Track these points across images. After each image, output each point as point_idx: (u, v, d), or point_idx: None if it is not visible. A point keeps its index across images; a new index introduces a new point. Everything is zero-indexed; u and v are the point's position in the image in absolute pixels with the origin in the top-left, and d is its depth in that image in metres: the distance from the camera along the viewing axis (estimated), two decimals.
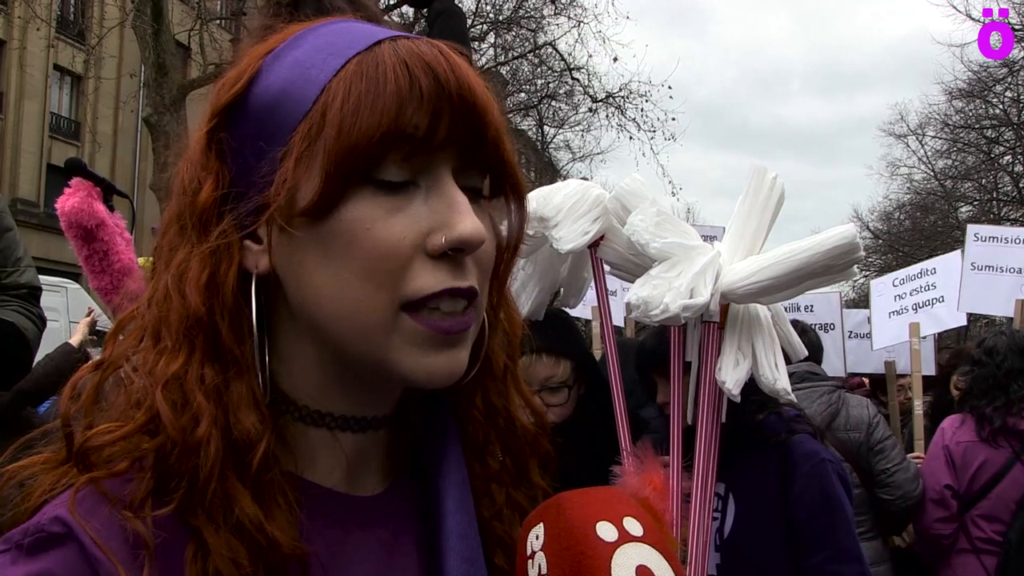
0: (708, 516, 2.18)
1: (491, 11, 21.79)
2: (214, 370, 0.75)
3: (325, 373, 0.81)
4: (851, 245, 2.02)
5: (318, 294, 0.76)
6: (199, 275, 0.76)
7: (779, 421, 2.68)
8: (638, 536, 0.79)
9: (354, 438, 0.84)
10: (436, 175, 0.76)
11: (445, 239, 0.74)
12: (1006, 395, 3.85)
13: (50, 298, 9.86)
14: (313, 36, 0.80)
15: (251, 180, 0.76)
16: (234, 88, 0.79)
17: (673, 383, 2.30)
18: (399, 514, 0.87)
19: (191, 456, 0.72)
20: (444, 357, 0.77)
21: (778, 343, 2.21)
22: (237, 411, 0.75)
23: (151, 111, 12.86)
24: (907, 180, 35.58)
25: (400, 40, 0.77)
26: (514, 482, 0.93)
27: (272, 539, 0.72)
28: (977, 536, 3.89)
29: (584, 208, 2.31)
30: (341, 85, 0.74)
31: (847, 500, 2.61)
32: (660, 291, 2.03)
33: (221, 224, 0.77)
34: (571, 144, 28.58)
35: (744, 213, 2.21)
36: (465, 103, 0.76)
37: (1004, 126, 28.18)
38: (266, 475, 0.74)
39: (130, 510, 0.71)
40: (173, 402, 0.74)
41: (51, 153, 25.25)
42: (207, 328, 0.76)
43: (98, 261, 3.10)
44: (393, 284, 0.74)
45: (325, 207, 0.73)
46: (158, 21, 13.16)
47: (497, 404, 0.92)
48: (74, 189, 3.06)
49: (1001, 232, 6.19)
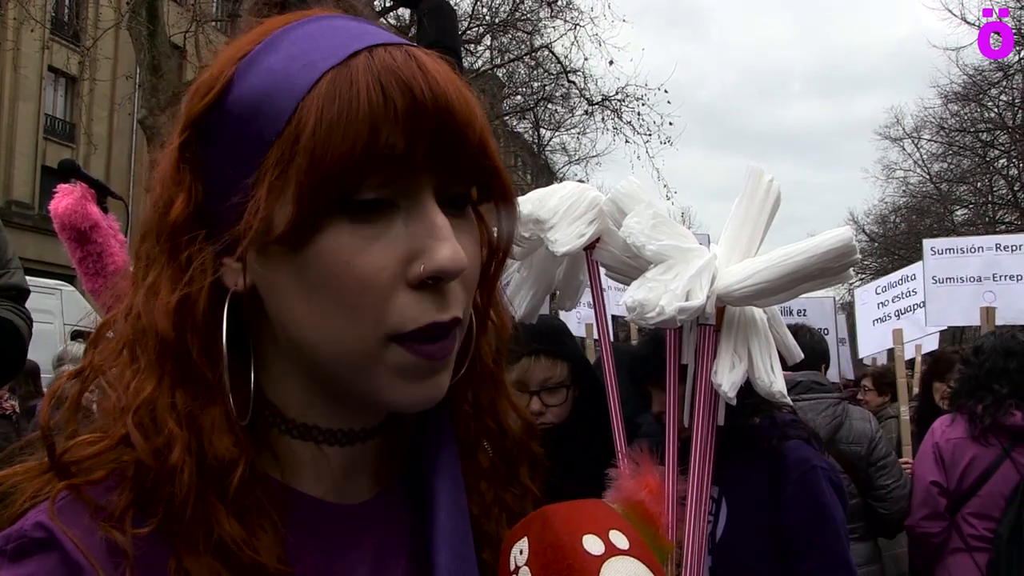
0: (704, 519, 2.17)
1: (487, 14, 21.82)
2: (185, 394, 0.73)
3: (308, 388, 0.79)
4: (847, 248, 2.02)
5: (298, 321, 0.74)
6: (168, 298, 0.74)
7: (773, 426, 2.68)
8: (624, 549, 0.78)
9: (341, 451, 0.82)
10: (416, 197, 0.74)
11: (424, 268, 0.72)
12: (992, 394, 3.88)
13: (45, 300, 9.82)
14: (288, 40, 0.76)
15: (226, 197, 0.74)
16: (207, 98, 0.76)
17: (669, 386, 2.29)
18: (389, 518, 0.86)
19: (166, 482, 0.70)
20: (427, 386, 0.77)
21: (774, 346, 2.21)
22: (211, 436, 0.73)
23: (146, 113, 12.86)
24: (903, 183, 35.73)
25: (376, 51, 0.73)
26: (504, 482, 0.92)
27: (257, 560, 0.71)
28: (969, 534, 3.91)
29: (580, 211, 2.30)
30: (313, 106, 0.70)
31: (838, 507, 2.61)
32: (656, 294, 2.02)
33: (193, 244, 0.75)
34: (567, 147, 28.64)
35: (740, 215, 2.21)
36: (442, 121, 0.72)
37: (999, 129, 28.26)
38: (247, 498, 0.73)
39: (110, 521, 0.70)
40: (145, 428, 0.72)
41: (46, 155, 25.20)
42: (177, 352, 0.74)
43: (92, 263, 3.09)
44: (375, 316, 0.72)
45: (301, 237, 0.71)
46: (153, 23, 13.16)
47: (485, 403, 0.91)
48: (67, 191, 3.05)
49: (957, 243, 6.32)
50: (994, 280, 5.92)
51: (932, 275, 6.09)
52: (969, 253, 6.11)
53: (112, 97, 22.71)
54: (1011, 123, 27.60)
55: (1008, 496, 3.79)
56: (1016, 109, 27.37)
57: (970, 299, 5.90)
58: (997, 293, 5.85)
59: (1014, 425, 3.82)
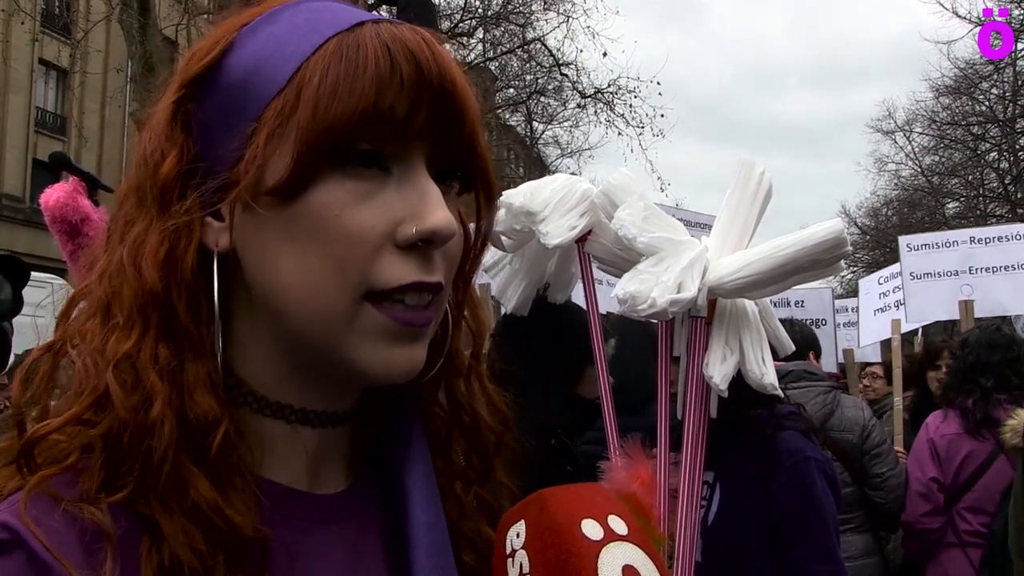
0: (695, 511, 2.18)
1: (480, 6, 21.75)
2: (169, 350, 0.72)
3: (283, 362, 0.78)
4: (838, 240, 2.02)
5: (279, 277, 0.73)
6: (157, 250, 0.73)
7: (771, 417, 2.72)
8: (623, 535, 0.78)
9: (315, 433, 0.81)
10: (409, 164, 0.74)
11: (416, 230, 0.72)
12: (979, 388, 3.89)
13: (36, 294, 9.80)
14: (291, 13, 0.77)
15: (217, 155, 0.74)
16: (206, 59, 0.76)
17: (661, 378, 2.30)
18: (363, 512, 0.85)
19: (143, 438, 0.69)
20: (403, 351, 0.76)
21: (765, 338, 2.21)
22: (193, 392, 0.71)
23: (138, 106, 12.81)
24: (895, 176, 35.82)
25: (383, 24, 0.75)
26: (480, 480, 0.91)
27: (231, 522, 0.70)
28: (964, 529, 3.92)
29: (572, 203, 2.30)
30: (319, 64, 0.71)
31: (830, 498, 2.66)
32: (647, 286, 2.02)
33: (184, 199, 0.74)
34: (560, 140, 28.58)
35: (732, 207, 2.21)
36: (446, 93, 0.74)
37: (990, 123, 28.34)
38: (226, 459, 0.71)
39: (87, 501, 0.68)
40: (124, 382, 0.71)
41: (36, 148, 25.07)
42: (163, 305, 0.73)
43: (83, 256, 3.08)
44: (359, 273, 0.72)
45: (295, 188, 0.71)
46: (144, 15, 13.08)
47: (462, 401, 0.90)
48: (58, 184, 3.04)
49: (932, 239, 6.36)
50: (971, 273, 5.95)
51: (910, 271, 6.12)
52: (944, 248, 6.14)
53: (103, 90, 22.58)
54: (1002, 116, 27.69)
55: (1003, 491, 3.80)
56: (1007, 103, 27.45)
57: (948, 293, 5.93)
58: (975, 286, 5.87)
59: (989, 418, 3.83)
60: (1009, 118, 27.45)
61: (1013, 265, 5.86)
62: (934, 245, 6.19)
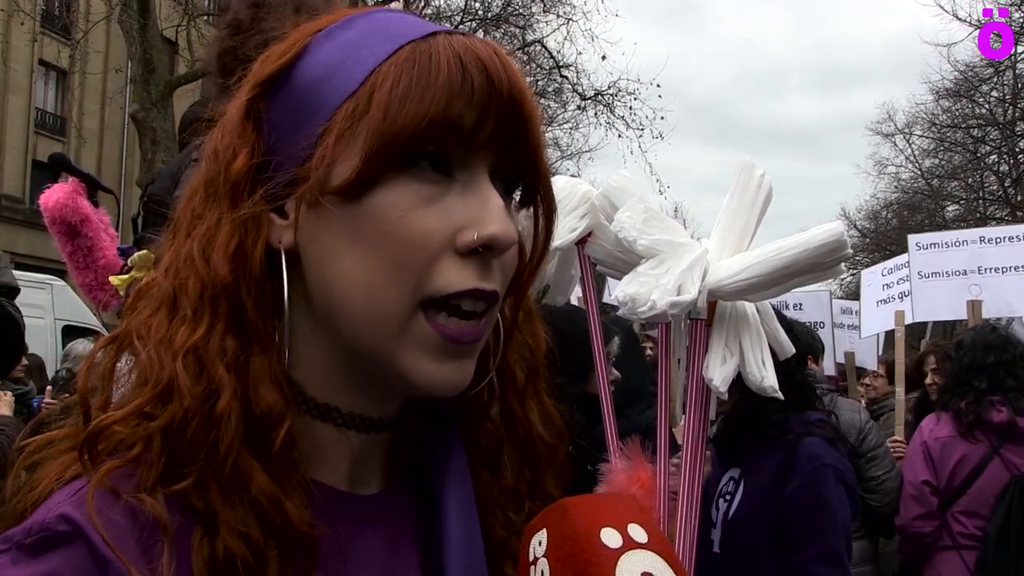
0: (695, 514, 2.17)
1: (480, 8, 21.77)
2: (236, 342, 0.73)
3: (335, 364, 0.79)
4: (838, 243, 2.02)
5: (340, 276, 0.75)
6: (228, 243, 0.75)
7: (798, 422, 2.82)
8: (643, 543, 0.78)
9: (359, 437, 0.82)
10: (474, 172, 0.76)
11: (477, 236, 0.74)
12: (973, 390, 3.88)
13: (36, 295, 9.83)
14: (365, 20, 0.80)
15: (287, 153, 0.76)
16: (281, 60, 0.78)
17: (661, 381, 2.30)
18: (398, 515, 0.86)
19: (210, 429, 0.70)
20: (450, 367, 0.76)
21: (766, 340, 2.21)
22: (259, 386, 0.73)
23: (138, 107, 12.79)
24: (894, 179, 35.80)
25: (455, 36, 0.77)
26: (531, 494, 0.92)
27: (287, 517, 0.71)
28: (958, 532, 3.91)
29: (571, 205, 2.30)
30: (392, 70, 0.73)
31: (846, 506, 2.75)
32: (647, 288, 2.02)
33: (252, 197, 0.76)
34: (560, 142, 28.56)
35: (732, 210, 2.21)
36: (514, 105, 0.76)
37: (990, 125, 28.33)
38: (287, 454, 0.73)
39: (146, 492, 0.69)
40: (193, 371, 0.72)
41: (36, 149, 25.09)
42: (232, 298, 0.74)
43: (82, 257, 3.09)
44: (418, 276, 0.73)
45: (361, 188, 0.73)
46: (145, 16, 13.09)
47: (518, 415, 0.90)
48: (58, 185, 3.05)
49: (941, 238, 6.36)
50: (979, 273, 5.95)
51: (918, 270, 6.12)
52: (954, 247, 6.15)
53: (103, 91, 22.60)
54: (1002, 119, 27.68)
55: (998, 494, 3.79)
56: (1007, 105, 27.45)
57: (956, 293, 5.93)
58: (983, 286, 5.88)
59: (1000, 422, 3.81)
60: (1009, 121, 27.44)
61: (1022, 265, 5.86)
62: (943, 244, 6.19)
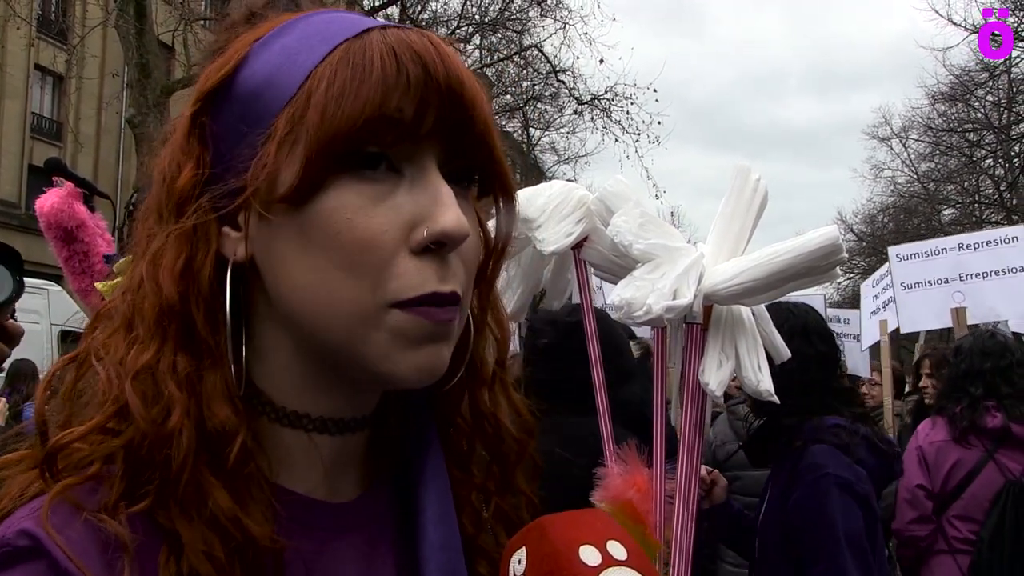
0: (691, 518, 2.18)
1: (477, 13, 21.78)
2: (187, 360, 0.73)
3: (303, 370, 0.78)
4: (834, 246, 2.03)
5: (296, 284, 0.74)
6: (174, 261, 0.74)
7: (811, 427, 2.79)
8: (622, 560, 0.78)
9: (332, 441, 0.81)
10: (421, 165, 0.75)
11: (427, 232, 0.72)
12: (968, 396, 3.88)
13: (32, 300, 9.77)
14: (303, 24, 0.78)
15: (231, 165, 0.75)
16: (220, 73, 0.77)
17: (657, 385, 2.30)
18: (376, 521, 0.85)
19: (163, 447, 0.70)
20: (428, 352, 0.75)
21: (762, 345, 2.21)
22: (211, 402, 0.72)
23: (134, 112, 12.78)
24: (891, 183, 35.89)
25: (390, 29, 0.75)
26: (499, 490, 0.91)
27: (248, 533, 0.70)
28: (953, 536, 3.92)
29: (568, 209, 2.30)
30: (327, 70, 0.72)
31: (853, 516, 2.65)
32: (643, 292, 2.02)
33: (199, 212, 0.75)
34: (556, 146, 28.68)
35: (727, 214, 2.21)
36: (453, 94, 0.74)
37: (985, 129, 28.42)
38: (243, 469, 0.72)
39: (105, 512, 0.68)
40: (144, 393, 0.71)
41: (32, 154, 25.04)
42: (180, 316, 0.73)
43: (78, 263, 3.07)
44: (375, 278, 0.72)
45: (305, 193, 0.72)
46: (141, 21, 13.09)
47: (484, 411, 0.89)
48: (53, 190, 3.04)
49: (921, 247, 6.39)
50: (961, 280, 5.96)
51: (900, 281, 6.14)
52: (934, 256, 6.16)
53: (100, 96, 22.61)
54: (997, 123, 27.76)
55: (992, 499, 3.80)
56: (1002, 109, 27.53)
57: (940, 301, 5.95)
58: (966, 293, 5.89)
59: (994, 427, 3.82)
60: (1004, 125, 27.52)
61: (1003, 270, 5.87)
62: (923, 254, 6.21)
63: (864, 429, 2.88)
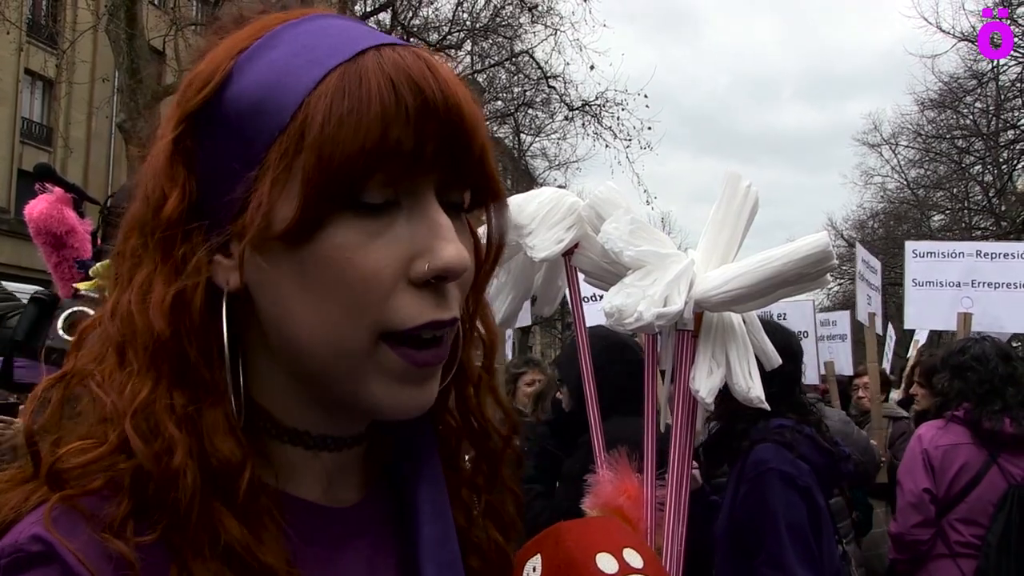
0: (682, 524, 2.18)
1: (468, 19, 21.79)
2: (184, 396, 0.71)
3: (298, 394, 0.78)
4: (824, 253, 2.03)
5: (294, 319, 0.73)
6: (163, 296, 0.72)
7: (760, 430, 2.88)
8: (638, 568, 0.78)
9: (332, 456, 0.82)
10: (419, 196, 0.73)
11: (428, 267, 0.71)
12: (1003, 400, 3.87)
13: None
14: (290, 35, 0.74)
15: (222, 199, 0.72)
16: (203, 92, 0.73)
17: (647, 391, 2.30)
18: (377, 523, 0.86)
19: (168, 488, 0.69)
20: (416, 391, 0.76)
21: (752, 351, 2.22)
22: (213, 438, 0.71)
23: (125, 117, 12.73)
24: (881, 189, 36.01)
25: (384, 50, 0.72)
26: (488, 486, 0.92)
27: (264, 564, 0.70)
28: (955, 540, 3.88)
29: (558, 216, 2.31)
30: (322, 102, 0.69)
31: (796, 509, 2.76)
32: (634, 299, 2.03)
33: (188, 241, 0.73)
34: (547, 152, 28.67)
35: (718, 221, 2.22)
36: (452, 122, 0.72)
37: (974, 136, 28.53)
38: (254, 502, 0.71)
39: (110, 531, 0.67)
40: (144, 432, 0.70)
41: (22, 159, 24.89)
42: (173, 353, 0.72)
43: (68, 268, 3.06)
44: (375, 314, 0.72)
45: (303, 232, 0.70)
46: (132, 26, 13.04)
47: (471, 408, 0.90)
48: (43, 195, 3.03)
49: (938, 247, 6.44)
50: (972, 286, 6.01)
51: (912, 277, 6.17)
52: (950, 258, 6.21)
53: (90, 100, 22.45)
54: (986, 130, 27.87)
55: (996, 503, 3.79)
56: (990, 116, 27.64)
57: (948, 304, 5.99)
58: (974, 299, 5.93)
59: (1003, 432, 3.82)
60: (993, 132, 27.63)
61: (1014, 283, 5.94)
62: (939, 254, 6.26)
63: (808, 429, 2.95)
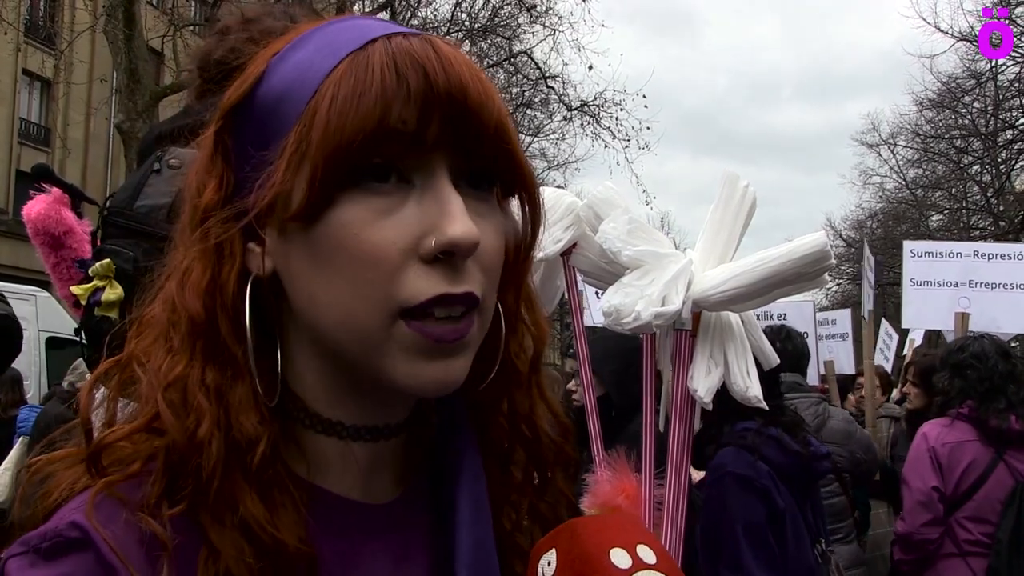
0: (680, 524, 2.18)
1: (466, 19, 21.80)
2: (215, 372, 0.75)
3: (331, 380, 0.80)
4: (822, 253, 2.03)
5: (312, 298, 0.75)
6: (200, 278, 0.76)
7: (724, 435, 2.94)
8: (651, 564, 0.79)
9: (366, 447, 0.82)
10: (431, 175, 0.74)
11: (435, 242, 0.72)
12: (1006, 397, 3.87)
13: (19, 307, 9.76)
14: (318, 36, 0.78)
15: (252, 184, 0.76)
16: (240, 90, 0.78)
17: (645, 391, 2.30)
18: (411, 522, 0.86)
19: (194, 456, 0.72)
20: (437, 366, 0.75)
21: (750, 351, 2.22)
22: (238, 413, 0.74)
23: (123, 118, 12.73)
24: (879, 189, 36.05)
25: (394, 37, 0.75)
26: (538, 492, 0.92)
27: (277, 539, 0.72)
28: (964, 539, 3.85)
29: (556, 216, 2.31)
30: (330, 86, 0.73)
31: (753, 510, 2.80)
32: (632, 299, 2.03)
33: (222, 229, 0.77)
34: (546, 152, 28.63)
35: (716, 221, 2.22)
36: (455, 100, 0.73)
37: (972, 136, 28.56)
38: (266, 473, 0.74)
39: (145, 510, 0.71)
40: (175, 404, 0.74)
41: (20, 159, 24.89)
42: (207, 331, 0.76)
43: (66, 269, 3.06)
44: (385, 290, 0.72)
45: (314, 211, 0.72)
46: (130, 27, 13.05)
47: (521, 412, 0.90)
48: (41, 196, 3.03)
49: (936, 247, 6.48)
50: (970, 286, 6.04)
51: (911, 277, 6.21)
52: (948, 258, 6.24)
53: (88, 101, 22.46)
54: (984, 130, 27.90)
55: (1005, 500, 3.79)
56: (989, 116, 27.66)
57: (946, 303, 6.02)
58: (972, 299, 5.96)
59: (1009, 429, 3.82)
60: (991, 132, 27.65)
61: (1012, 284, 5.97)
62: (937, 254, 6.30)
63: (773, 430, 2.95)
